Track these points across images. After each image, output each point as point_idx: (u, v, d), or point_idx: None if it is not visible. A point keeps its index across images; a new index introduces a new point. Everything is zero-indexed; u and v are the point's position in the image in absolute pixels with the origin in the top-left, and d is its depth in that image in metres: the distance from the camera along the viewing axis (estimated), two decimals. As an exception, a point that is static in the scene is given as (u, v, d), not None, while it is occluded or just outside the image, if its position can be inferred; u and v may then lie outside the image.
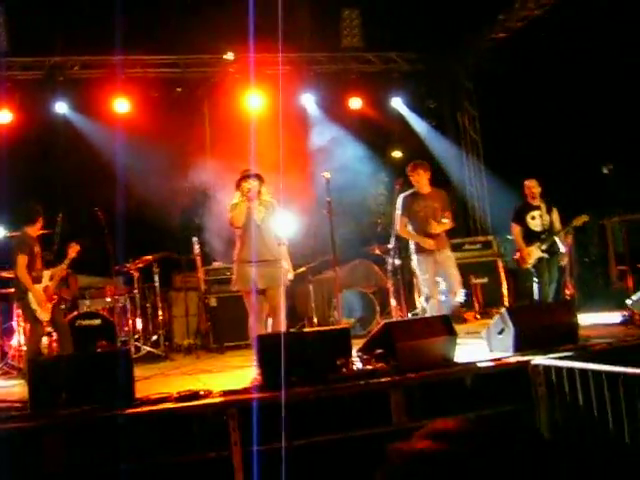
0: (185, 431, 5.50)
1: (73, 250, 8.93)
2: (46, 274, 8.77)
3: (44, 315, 8.58)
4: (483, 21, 13.06)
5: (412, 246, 9.02)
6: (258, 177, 7.57)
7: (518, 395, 6.23)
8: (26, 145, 11.65)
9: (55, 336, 9.16)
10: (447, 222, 8.99)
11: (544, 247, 9.84)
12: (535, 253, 9.87)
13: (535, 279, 9.94)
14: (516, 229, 10.11)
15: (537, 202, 9.99)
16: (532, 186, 9.99)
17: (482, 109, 14.41)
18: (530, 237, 9.97)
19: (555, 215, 10.01)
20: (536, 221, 9.96)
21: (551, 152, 12.02)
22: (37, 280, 8.64)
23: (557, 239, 9.89)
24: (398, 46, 13.81)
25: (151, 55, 12.85)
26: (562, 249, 9.91)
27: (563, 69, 11.90)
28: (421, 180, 9.02)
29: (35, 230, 8.78)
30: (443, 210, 9.02)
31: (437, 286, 8.83)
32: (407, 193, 9.08)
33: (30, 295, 8.51)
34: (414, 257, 8.99)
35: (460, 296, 9.10)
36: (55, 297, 8.78)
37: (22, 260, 8.50)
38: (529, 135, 12.33)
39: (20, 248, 8.58)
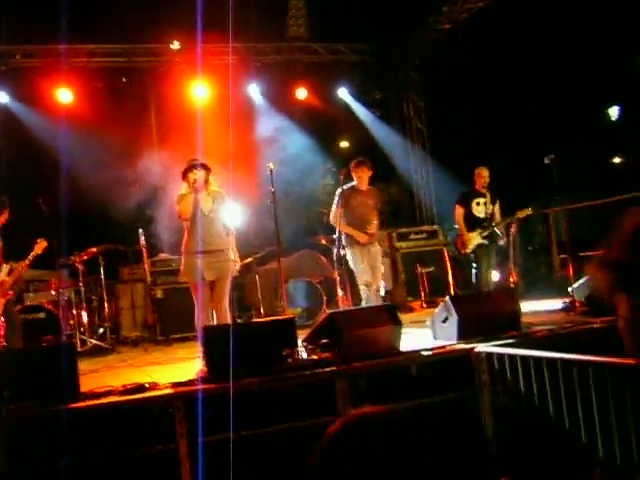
0: (131, 424, 5.48)
1: (40, 246, 8.84)
2: (4, 268, 8.63)
3: None
4: (428, 12, 13.15)
5: (345, 238, 9.25)
6: (204, 167, 7.50)
7: (462, 382, 6.31)
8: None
9: (2, 331, 9.03)
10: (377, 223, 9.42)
11: (485, 234, 10.00)
12: (475, 239, 10.03)
13: (474, 265, 10.12)
14: (459, 212, 10.24)
15: (484, 190, 10.13)
16: (484, 174, 10.13)
17: (428, 100, 14.54)
18: (472, 223, 10.11)
19: (497, 207, 10.18)
20: (480, 207, 10.11)
21: (496, 142, 12.19)
22: None
23: (497, 229, 10.07)
24: (345, 37, 13.84)
25: (96, 44, 12.68)
26: (501, 237, 10.08)
27: (507, 60, 12.07)
28: (363, 177, 9.32)
29: None
30: (375, 208, 9.39)
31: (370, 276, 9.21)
32: (346, 187, 9.33)
33: None
34: (348, 249, 9.26)
35: (382, 290, 9.59)
36: (10, 292, 8.64)
37: None
38: (474, 125, 12.48)
39: None
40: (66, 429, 5.25)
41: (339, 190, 9.27)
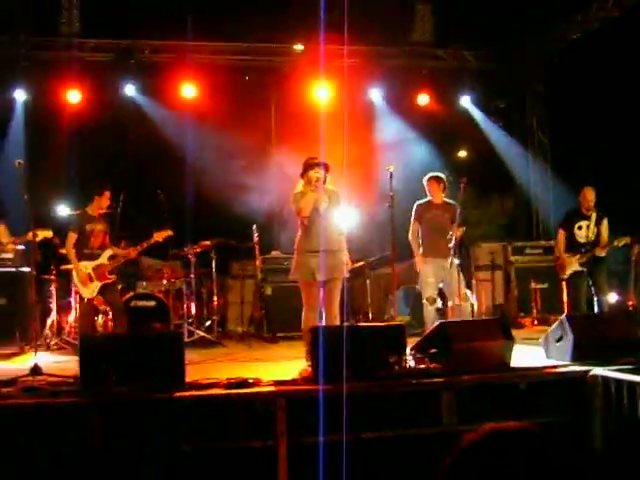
0: (231, 419, 5.48)
1: (161, 234, 9.08)
2: (106, 253, 8.86)
3: (86, 292, 8.69)
4: (559, 20, 12.78)
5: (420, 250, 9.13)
6: (325, 166, 7.44)
7: (572, 405, 6.07)
8: (94, 126, 11.80)
9: (110, 315, 9.31)
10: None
11: (583, 260, 9.44)
12: (573, 265, 9.53)
13: (570, 292, 9.64)
14: (561, 235, 9.78)
15: (589, 212, 9.58)
16: (589, 197, 9.55)
17: (552, 111, 14.11)
18: (572, 247, 9.61)
19: (604, 227, 9.56)
20: (582, 232, 9.57)
21: (622, 160, 11.70)
22: (90, 257, 8.76)
23: (600, 253, 9.41)
24: (470, 43, 13.61)
25: (221, 42, 12.88)
26: (606, 261, 9.56)
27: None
28: (435, 192, 9.20)
29: (96, 208, 8.88)
30: (452, 221, 9.03)
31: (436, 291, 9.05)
32: (421, 201, 9.27)
33: (74, 272, 8.70)
34: (419, 261, 9.15)
35: (470, 298, 9.30)
36: (111, 277, 8.85)
37: (69, 237, 8.80)
38: (600, 141, 12.02)
39: (71, 225, 8.90)
40: (169, 415, 5.30)
41: (415, 205, 9.24)
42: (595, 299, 9.46)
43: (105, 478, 5.15)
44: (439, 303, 9.15)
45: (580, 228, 9.59)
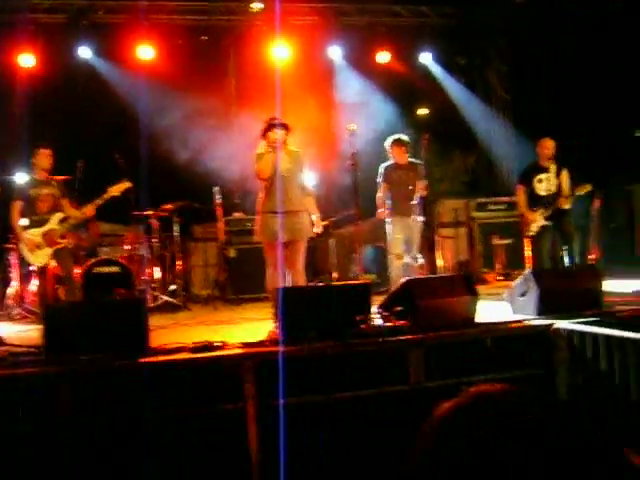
0: (199, 383, 5.44)
1: (119, 187, 8.80)
2: (55, 217, 8.66)
3: (36, 260, 8.53)
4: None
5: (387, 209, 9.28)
6: (284, 126, 7.37)
7: (538, 358, 6.13)
8: (49, 90, 11.54)
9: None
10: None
11: (548, 214, 9.34)
12: (538, 220, 9.42)
13: (535, 247, 9.60)
14: (520, 190, 9.68)
15: (547, 163, 9.47)
16: (546, 146, 9.44)
17: (513, 67, 14.09)
18: (535, 202, 9.48)
19: (565, 178, 9.46)
20: (543, 185, 9.45)
21: (583, 114, 11.73)
22: (39, 223, 8.57)
23: (563, 206, 9.33)
24: (429, -1, 13.51)
25: (177, 1, 12.63)
26: (570, 213, 9.53)
27: (601, 29, 11.55)
28: (399, 155, 9.42)
29: (39, 171, 8.69)
30: (418, 179, 9.26)
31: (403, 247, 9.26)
32: (387, 164, 9.43)
33: (20, 242, 8.56)
34: (388, 219, 9.32)
35: (419, 260, 9.40)
36: (62, 241, 8.65)
37: (13, 206, 8.60)
38: (561, 96, 12.04)
39: (13, 194, 8.68)
40: (134, 382, 5.25)
41: (381, 167, 9.41)
42: (566, 251, 9.48)
43: (76, 447, 5.10)
44: (407, 259, 9.22)
45: (540, 181, 9.47)
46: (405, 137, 9.45)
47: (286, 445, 4.82)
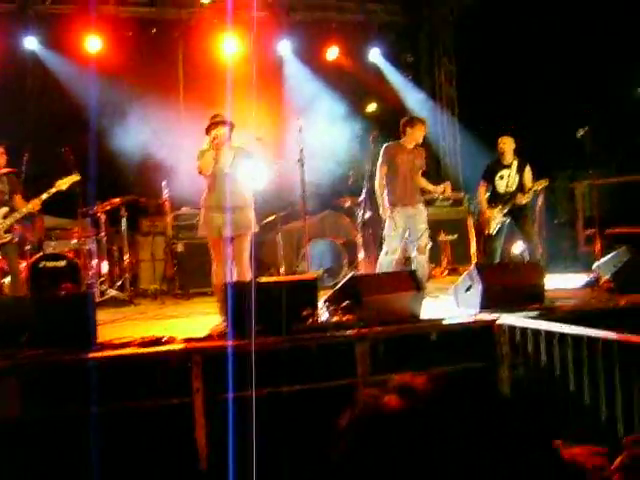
0: (147, 377, 5.45)
1: (65, 182, 8.69)
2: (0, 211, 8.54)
3: None
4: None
5: (386, 199, 8.74)
6: (228, 123, 7.44)
7: (482, 353, 6.25)
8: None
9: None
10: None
11: (506, 210, 9.46)
12: (497, 218, 9.52)
13: (489, 243, 9.68)
14: (481, 188, 9.78)
15: (509, 160, 9.58)
16: (504, 143, 9.58)
17: (460, 65, 14.27)
18: (494, 199, 9.62)
19: (527, 173, 9.58)
20: (503, 181, 9.56)
21: (528, 112, 11.93)
22: None
23: (521, 201, 9.44)
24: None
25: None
26: (529, 207, 9.67)
27: (546, 29, 11.76)
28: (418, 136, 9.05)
29: None
30: (421, 167, 9.01)
31: (400, 245, 8.72)
32: (391, 143, 9.01)
33: None
34: (387, 210, 8.68)
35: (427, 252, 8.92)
36: (6, 236, 8.54)
37: None
38: (507, 94, 12.22)
39: None
40: (82, 377, 5.23)
41: (383, 147, 8.95)
42: (524, 246, 9.65)
43: (26, 445, 5.07)
44: (413, 252, 8.84)
45: (502, 178, 9.58)
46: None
47: (235, 439, 4.86)
